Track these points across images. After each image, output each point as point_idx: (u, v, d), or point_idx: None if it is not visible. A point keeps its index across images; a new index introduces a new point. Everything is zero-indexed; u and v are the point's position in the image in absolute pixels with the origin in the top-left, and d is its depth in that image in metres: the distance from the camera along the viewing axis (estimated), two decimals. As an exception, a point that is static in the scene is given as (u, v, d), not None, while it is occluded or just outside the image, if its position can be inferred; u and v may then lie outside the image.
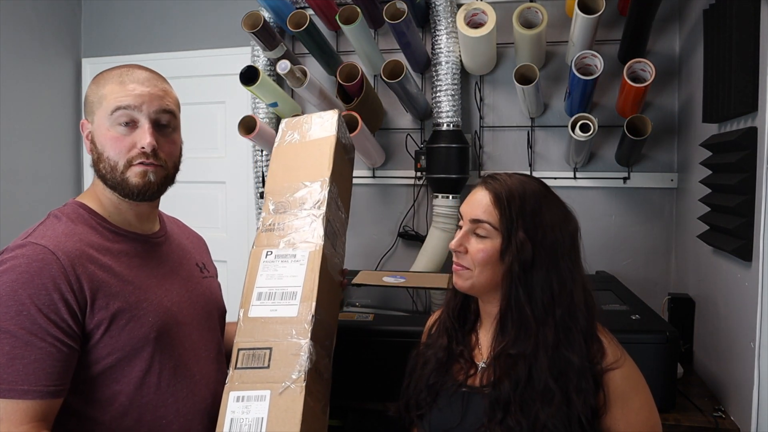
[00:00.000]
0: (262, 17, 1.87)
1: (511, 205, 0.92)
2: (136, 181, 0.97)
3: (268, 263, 1.05)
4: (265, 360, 0.95)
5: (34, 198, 2.37)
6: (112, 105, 0.96)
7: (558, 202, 0.97)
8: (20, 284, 0.84)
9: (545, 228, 0.92)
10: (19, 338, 0.82)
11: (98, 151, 0.98)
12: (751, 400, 1.24)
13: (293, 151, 1.19)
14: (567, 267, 0.92)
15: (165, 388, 0.97)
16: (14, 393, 0.81)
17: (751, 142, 1.25)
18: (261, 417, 0.89)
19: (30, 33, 2.36)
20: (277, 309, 1.00)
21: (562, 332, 0.91)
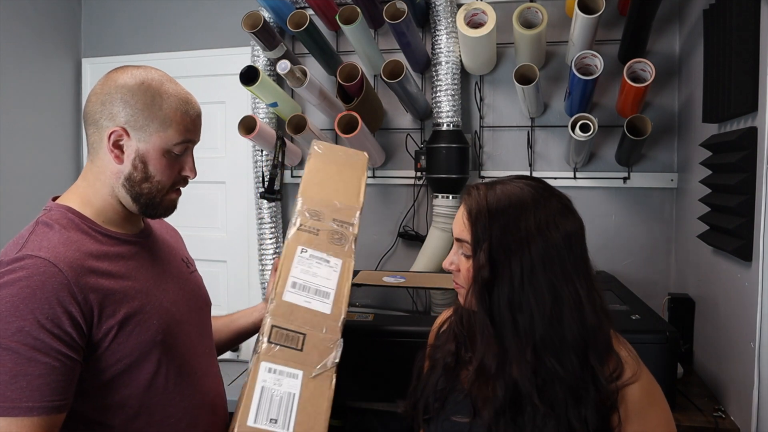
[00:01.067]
0: (262, 17, 1.88)
1: (477, 222, 0.88)
2: (169, 206, 1.03)
3: (303, 259, 1.14)
4: (299, 343, 1.02)
5: (34, 198, 2.35)
6: (181, 136, 0.98)
7: (550, 207, 0.88)
8: (21, 299, 0.82)
9: (518, 242, 0.85)
10: (22, 355, 0.81)
11: (148, 173, 0.97)
12: (751, 400, 1.24)
13: (327, 171, 1.32)
14: (549, 280, 0.85)
15: (172, 387, 0.98)
16: (19, 411, 0.79)
17: (751, 142, 1.25)
18: (293, 393, 0.96)
19: (30, 33, 2.36)
20: (311, 302, 1.08)
21: (548, 353, 0.84)
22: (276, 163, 2.02)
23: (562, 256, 0.86)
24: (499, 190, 0.89)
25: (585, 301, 0.86)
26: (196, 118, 1.02)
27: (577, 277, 0.87)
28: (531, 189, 0.89)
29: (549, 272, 0.85)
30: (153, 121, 0.95)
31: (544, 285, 0.85)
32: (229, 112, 2.35)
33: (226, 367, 1.22)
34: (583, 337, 0.85)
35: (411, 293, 2.12)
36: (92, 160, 0.99)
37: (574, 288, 0.86)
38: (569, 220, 0.88)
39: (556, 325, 0.85)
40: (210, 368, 1.09)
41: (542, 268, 0.85)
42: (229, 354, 2.33)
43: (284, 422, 0.93)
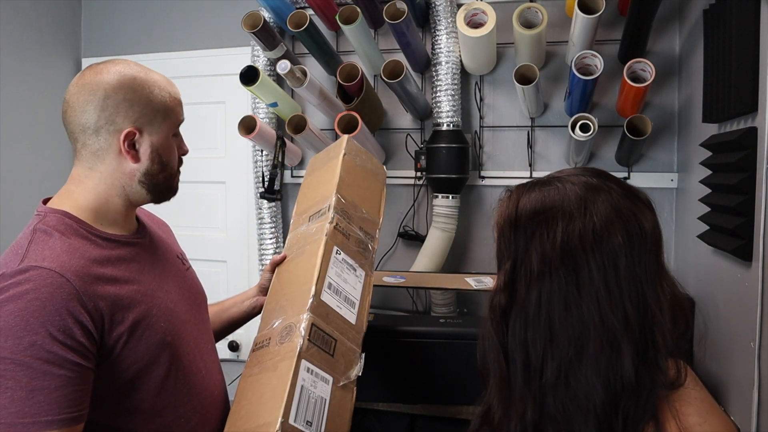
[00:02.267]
0: (262, 17, 1.88)
1: (502, 235, 0.75)
2: (177, 187, 1.06)
3: (338, 262, 1.13)
4: (332, 348, 1.01)
5: (34, 198, 2.35)
6: (179, 119, 1.03)
7: (596, 213, 0.68)
8: (31, 312, 0.80)
9: (543, 262, 0.69)
10: (36, 369, 0.80)
11: (162, 162, 1.00)
12: (751, 400, 1.24)
13: (358, 175, 1.30)
14: (575, 318, 0.66)
15: (181, 387, 0.98)
16: (38, 426, 0.79)
17: (751, 142, 1.25)
18: (325, 398, 0.95)
19: (30, 33, 2.36)
20: (341, 308, 1.07)
21: (554, 423, 0.67)
22: (276, 163, 2.02)
23: (597, 283, 0.66)
24: (536, 193, 0.73)
25: (626, 353, 0.65)
26: (180, 100, 1.05)
27: (621, 316, 0.65)
28: (577, 189, 0.70)
29: (576, 306, 0.66)
30: (158, 113, 0.98)
31: (566, 325, 0.67)
32: (229, 112, 2.35)
33: (225, 367, 1.22)
34: (612, 406, 0.66)
35: (411, 293, 2.12)
36: (92, 167, 0.96)
37: (611, 331, 0.65)
38: (624, 228, 0.67)
39: (571, 384, 0.66)
40: (212, 363, 1.11)
41: (565, 300, 0.67)
42: (228, 354, 2.33)
43: (317, 427, 0.91)
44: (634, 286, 0.66)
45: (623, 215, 0.68)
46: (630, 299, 0.66)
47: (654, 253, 0.69)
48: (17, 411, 0.78)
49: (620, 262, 0.66)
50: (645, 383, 0.66)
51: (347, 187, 1.24)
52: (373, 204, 1.29)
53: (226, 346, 2.34)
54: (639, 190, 0.73)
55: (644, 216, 0.69)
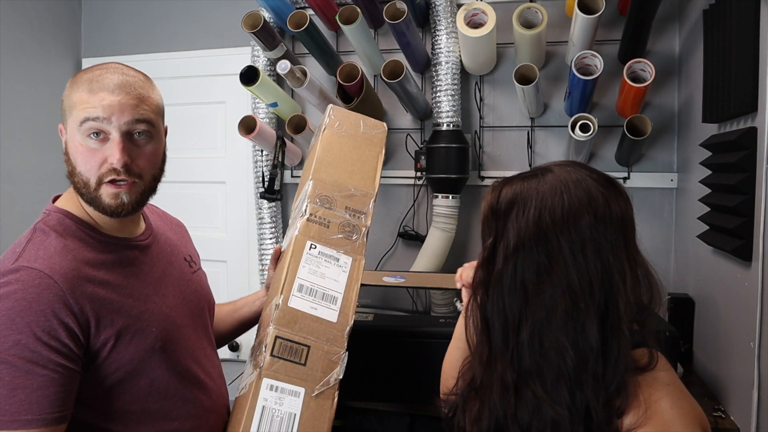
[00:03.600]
0: (262, 17, 1.88)
1: (484, 221, 0.82)
2: (109, 201, 0.92)
3: (312, 257, 1.04)
4: (302, 357, 0.95)
5: (34, 198, 2.36)
6: (81, 116, 0.89)
7: (570, 203, 0.75)
8: (17, 312, 0.81)
9: (511, 238, 0.76)
10: (19, 368, 0.80)
11: (72, 164, 0.92)
12: (751, 400, 1.24)
13: (342, 147, 1.18)
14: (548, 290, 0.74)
15: (173, 392, 0.97)
16: (18, 424, 0.79)
17: (751, 142, 1.25)
18: (294, 413, 0.90)
19: (30, 33, 2.36)
20: (317, 308, 1.00)
21: (533, 381, 0.75)
22: (276, 163, 2.02)
23: (565, 254, 0.73)
24: (517, 182, 0.80)
25: (591, 317, 0.72)
26: (103, 94, 0.89)
27: (586, 284, 0.73)
28: (555, 175, 0.78)
29: (547, 273, 0.74)
30: (68, 108, 0.93)
31: (538, 291, 0.75)
32: (229, 112, 2.35)
33: (226, 367, 1.21)
34: (582, 366, 0.73)
35: (411, 293, 2.12)
36: None
37: (577, 297, 0.73)
38: (593, 209, 0.74)
39: (544, 344, 0.74)
40: (212, 369, 1.09)
41: (537, 269, 0.75)
42: (228, 354, 2.33)
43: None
44: (599, 260, 0.73)
45: (593, 198, 0.75)
46: (595, 270, 0.73)
47: (620, 231, 0.76)
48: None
49: (586, 236, 0.74)
50: (611, 347, 0.73)
51: (327, 167, 1.13)
52: (365, 175, 1.15)
53: (226, 346, 2.34)
54: (616, 180, 0.80)
55: (614, 200, 0.77)
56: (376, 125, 1.22)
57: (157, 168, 0.98)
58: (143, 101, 0.93)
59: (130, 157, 0.91)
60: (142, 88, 0.94)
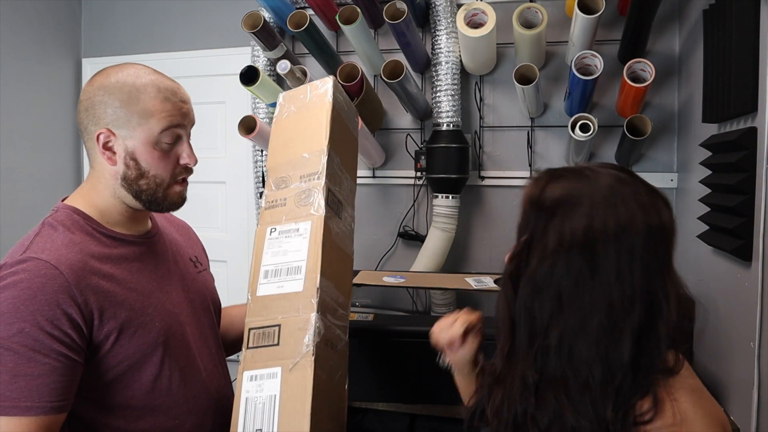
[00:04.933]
0: (262, 17, 1.88)
1: (524, 213, 0.79)
2: (176, 199, 1.00)
3: (273, 240, 1.03)
4: (275, 337, 0.94)
5: (34, 198, 2.37)
6: (163, 124, 0.94)
7: (617, 214, 0.72)
8: (22, 301, 0.83)
9: (557, 245, 0.73)
10: (22, 355, 0.81)
11: (141, 169, 0.96)
12: (751, 400, 1.24)
13: (291, 124, 1.16)
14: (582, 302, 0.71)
15: (176, 389, 0.98)
16: (18, 410, 0.80)
17: (751, 142, 1.25)
18: (273, 394, 0.89)
19: (30, 33, 2.36)
20: (284, 285, 0.98)
21: (555, 389, 0.73)
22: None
23: (611, 271, 0.71)
24: (564, 180, 0.76)
25: (627, 337, 0.70)
26: (179, 103, 0.97)
27: (628, 304, 0.71)
28: (607, 180, 0.74)
29: (585, 286, 0.72)
30: (133, 116, 0.94)
31: (574, 299, 0.72)
32: (229, 112, 2.35)
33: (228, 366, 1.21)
34: (609, 379, 0.71)
35: (411, 293, 2.12)
36: (92, 165, 1.00)
37: (616, 316, 0.70)
38: (646, 222, 0.72)
39: (573, 353, 0.72)
40: (215, 370, 1.09)
41: (576, 279, 0.72)
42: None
43: (268, 428, 0.86)
44: (645, 278, 0.71)
45: (646, 210, 0.72)
46: (640, 288, 0.71)
47: (668, 247, 0.74)
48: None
49: (637, 253, 0.71)
50: (642, 367, 0.71)
51: (278, 150, 1.11)
52: (314, 135, 1.09)
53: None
54: (663, 195, 0.77)
55: (666, 217, 0.74)
56: (322, 83, 1.17)
57: None
58: (191, 105, 1.03)
59: None
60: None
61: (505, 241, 2.10)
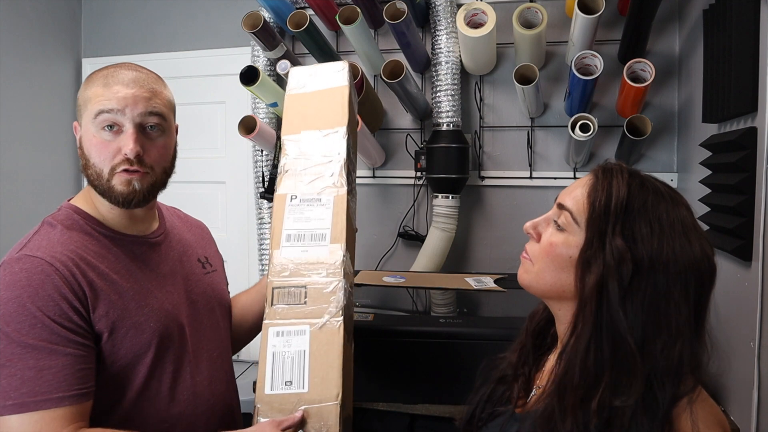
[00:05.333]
0: (262, 17, 1.88)
1: (610, 202, 0.72)
2: (121, 189, 0.93)
3: (294, 207, 1.08)
4: (301, 297, 0.99)
5: (34, 198, 2.37)
6: (95, 108, 0.92)
7: (698, 235, 0.73)
8: (26, 298, 0.83)
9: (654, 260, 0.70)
10: (42, 350, 0.82)
11: (85, 157, 0.95)
12: (751, 400, 1.24)
13: (307, 100, 1.21)
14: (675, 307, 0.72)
15: (166, 393, 0.96)
16: (51, 402, 0.81)
17: (751, 142, 1.25)
18: (303, 350, 0.94)
19: (30, 33, 2.36)
20: (308, 250, 1.03)
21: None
22: (276, 163, 2.02)
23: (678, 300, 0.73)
24: (646, 188, 0.74)
25: (671, 366, 0.72)
26: (118, 87, 0.92)
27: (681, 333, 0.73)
28: (680, 213, 0.74)
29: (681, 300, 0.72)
30: (83, 104, 0.95)
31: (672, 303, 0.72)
32: (229, 112, 2.35)
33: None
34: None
35: (411, 293, 2.12)
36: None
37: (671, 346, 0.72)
38: (698, 278, 0.74)
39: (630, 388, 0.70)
40: (217, 372, 1.07)
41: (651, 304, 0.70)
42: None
43: (299, 381, 0.91)
44: (688, 328, 0.74)
45: (706, 255, 0.74)
46: (680, 341, 0.73)
47: (708, 293, 0.76)
48: (28, 391, 0.81)
49: (692, 291, 0.73)
50: (662, 403, 0.71)
51: (295, 121, 1.17)
52: (333, 112, 1.15)
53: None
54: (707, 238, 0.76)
55: (712, 259, 0.75)
56: (336, 65, 1.23)
57: (168, 162, 1.01)
58: (156, 95, 0.97)
59: (142, 149, 0.94)
60: (155, 83, 0.98)
61: (505, 241, 2.10)
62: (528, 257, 0.80)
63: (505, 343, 0.93)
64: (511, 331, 0.95)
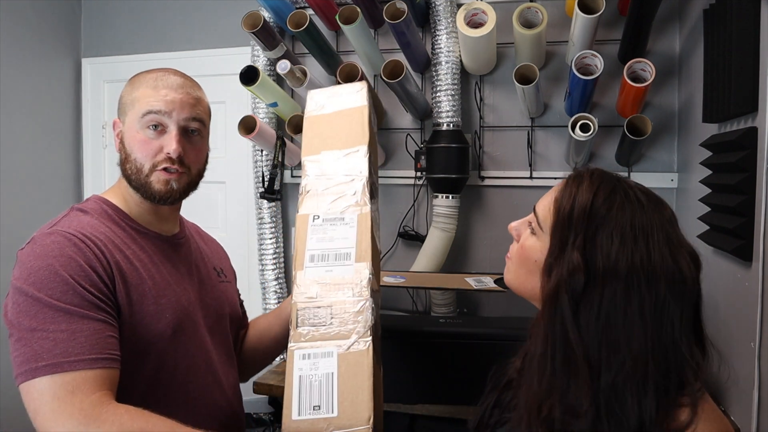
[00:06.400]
0: (262, 17, 1.88)
1: (573, 211, 0.73)
2: (159, 187, 0.99)
3: (317, 227, 1.06)
4: (328, 318, 0.96)
5: (34, 198, 2.37)
6: (144, 108, 0.98)
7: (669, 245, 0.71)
8: (58, 266, 0.85)
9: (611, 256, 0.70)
10: (74, 314, 0.84)
11: (126, 152, 1.00)
12: (751, 400, 1.24)
13: (326, 121, 1.21)
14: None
15: (177, 386, 0.98)
16: (84, 363, 0.82)
17: (751, 142, 1.25)
18: (331, 372, 0.90)
19: (30, 33, 2.36)
20: (333, 270, 1.01)
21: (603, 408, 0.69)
22: (276, 163, 2.02)
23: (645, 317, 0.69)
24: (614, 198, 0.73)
25: (651, 383, 0.69)
26: (165, 90, 0.99)
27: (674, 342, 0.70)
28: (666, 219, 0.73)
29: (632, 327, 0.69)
30: (128, 102, 1.00)
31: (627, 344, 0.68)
32: (229, 112, 2.35)
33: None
34: (641, 424, 0.69)
35: (411, 293, 2.12)
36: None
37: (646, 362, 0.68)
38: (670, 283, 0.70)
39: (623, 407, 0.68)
40: (224, 377, 1.08)
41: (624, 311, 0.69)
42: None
43: (328, 405, 0.87)
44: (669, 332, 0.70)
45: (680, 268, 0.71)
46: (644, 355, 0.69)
47: (693, 301, 0.73)
48: (61, 351, 0.81)
49: (662, 301, 0.69)
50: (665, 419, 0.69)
51: (314, 143, 1.17)
52: (353, 133, 1.15)
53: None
54: (692, 249, 0.75)
55: (686, 265, 0.72)
56: (355, 85, 1.24)
57: (203, 165, 1.08)
58: (199, 102, 1.05)
59: (183, 150, 0.99)
60: (199, 91, 1.07)
61: (505, 241, 2.09)
62: (508, 256, 0.84)
63: (505, 343, 0.93)
64: (511, 331, 0.95)
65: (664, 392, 0.69)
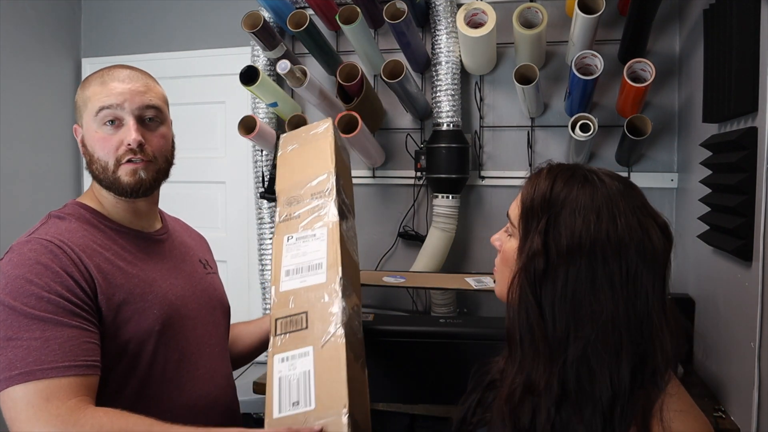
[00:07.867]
0: (262, 17, 1.87)
1: (534, 200, 0.76)
2: (127, 179, 0.98)
3: (291, 245, 1.11)
4: (303, 323, 0.99)
5: (34, 198, 2.37)
6: (96, 106, 0.97)
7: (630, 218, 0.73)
8: (33, 275, 0.86)
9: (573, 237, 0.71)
10: (48, 321, 0.84)
11: (89, 153, 1.00)
12: (751, 400, 1.24)
13: (296, 156, 1.28)
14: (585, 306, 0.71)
15: (170, 380, 0.98)
16: (57, 371, 0.82)
17: (751, 142, 1.25)
18: (308, 369, 0.93)
19: (30, 33, 2.36)
20: (306, 279, 1.04)
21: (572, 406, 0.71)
22: (276, 163, 2.02)
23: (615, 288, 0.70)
24: (570, 185, 0.76)
25: (625, 353, 0.70)
26: (114, 84, 0.99)
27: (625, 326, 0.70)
28: (609, 191, 0.75)
29: (593, 297, 0.70)
30: (82, 104, 1.01)
31: (590, 310, 0.70)
32: (229, 112, 2.35)
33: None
34: (614, 402, 0.70)
35: (411, 293, 2.12)
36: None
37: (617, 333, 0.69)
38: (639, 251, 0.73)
39: (593, 377, 0.70)
40: (217, 369, 1.09)
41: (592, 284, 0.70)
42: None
43: (306, 399, 0.90)
44: (642, 299, 0.71)
45: (640, 230, 0.73)
46: (641, 311, 0.71)
47: (663, 271, 0.75)
48: (34, 359, 0.82)
49: (631, 272, 0.71)
50: (640, 391, 0.70)
51: (286, 176, 1.24)
52: (321, 162, 1.22)
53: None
54: (660, 218, 0.79)
55: (654, 236, 0.76)
56: (320, 123, 1.30)
57: (169, 151, 1.06)
58: (150, 89, 1.03)
59: (143, 138, 0.98)
60: (148, 79, 1.05)
61: (505, 241, 2.09)
62: (496, 269, 0.86)
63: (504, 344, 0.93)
64: (510, 332, 0.95)
65: (640, 364, 0.70)
